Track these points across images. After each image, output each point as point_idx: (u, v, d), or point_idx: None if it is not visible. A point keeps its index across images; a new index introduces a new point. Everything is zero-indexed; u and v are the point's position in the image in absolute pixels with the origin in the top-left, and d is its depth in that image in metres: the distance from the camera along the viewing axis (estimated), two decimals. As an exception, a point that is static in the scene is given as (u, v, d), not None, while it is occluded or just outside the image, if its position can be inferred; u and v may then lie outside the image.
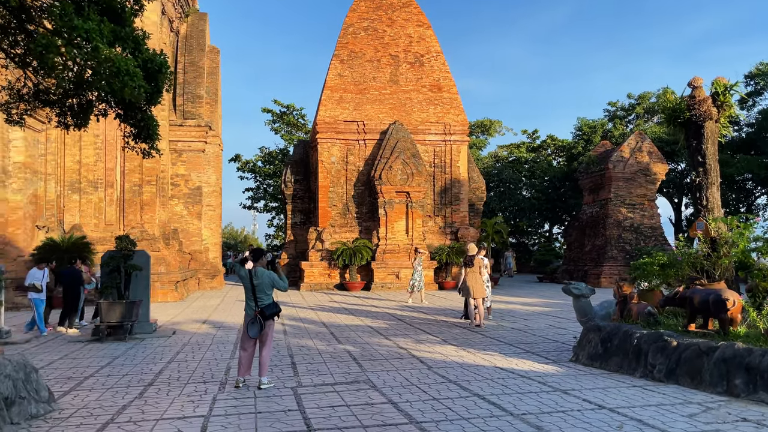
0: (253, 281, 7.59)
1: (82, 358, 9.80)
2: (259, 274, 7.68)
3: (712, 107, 8.30)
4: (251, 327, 7.51)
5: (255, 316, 7.50)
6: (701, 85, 8.42)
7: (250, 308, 7.64)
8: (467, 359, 9.13)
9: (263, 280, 7.61)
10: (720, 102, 8.35)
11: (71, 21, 5.55)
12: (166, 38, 24.16)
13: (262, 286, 7.59)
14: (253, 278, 7.60)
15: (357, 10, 26.84)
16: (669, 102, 8.63)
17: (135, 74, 6.06)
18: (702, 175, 8.42)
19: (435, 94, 26.37)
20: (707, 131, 8.36)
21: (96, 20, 5.86)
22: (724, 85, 8.35)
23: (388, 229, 24.20)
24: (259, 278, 7.61)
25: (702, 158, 8.41)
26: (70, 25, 5.55)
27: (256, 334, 7.50)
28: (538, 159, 44.79)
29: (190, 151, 25.07)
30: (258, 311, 7.51)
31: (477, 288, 13.23)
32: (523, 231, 46.06)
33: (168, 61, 7.24)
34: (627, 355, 7.81)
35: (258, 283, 7.58)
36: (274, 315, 7.64)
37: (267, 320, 7.55)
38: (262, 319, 7.50)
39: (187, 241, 24.85)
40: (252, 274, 7.65)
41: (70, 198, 21.01)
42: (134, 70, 6.05)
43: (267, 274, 7.72)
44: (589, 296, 9.53)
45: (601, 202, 27.64)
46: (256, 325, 7.50)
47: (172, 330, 13.13)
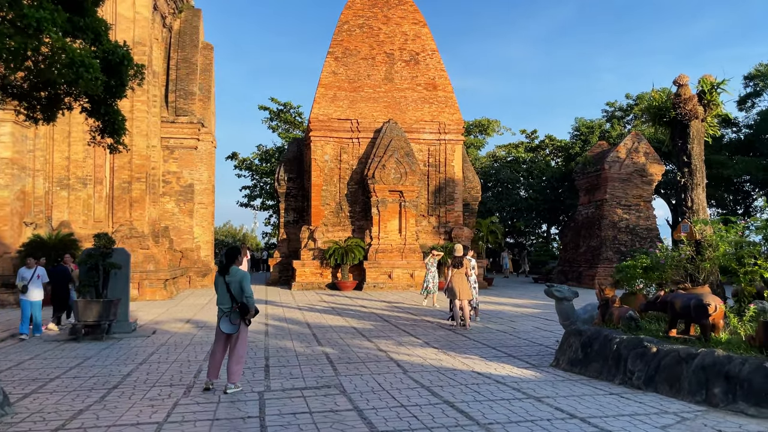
0: (225, 279, 7.37)
1: (53, 359, 9.58)
2: (233, 272, 7.45)
3: (698, 106, 8.04)
4: (224, 321, 7.25)
5: (232, 310, 7.23)
6: (687, 83, 8.17)
7: (222, 310, 7.39)
8: (445, 363, 8.89)
9: (234, 278, 7.38)
10: (707, 101, 8.10)
11: (20, 8, 5.31)
12: (158, 34, 23.95)
13: (232, 285, 7.36)
14: (225, 276, 7.39)
15: (352, 7, 26.60)
16: (654, 100, 8.37)
17: (91, 65, 5.84)
18: (687, 176, 8.17)
19: (430, 93, 26.12)
20: (693, 131, 8.10)
21: (49, 8, 5.62)
22: (711, 83, 8.10)
23: (381, 228, 23.97)
24: (231, 276, 7.38)
25: (687, 158, 8.16)
26: (19, 13, 5.32)
27: (230, 329, 7.24)
28: (537, 159, 44.54)
29: (182, 148, 24.86)
30: (238, 305, 7.24)
31: (463, 289, 13.01)
32: (520, 231, 45.83)
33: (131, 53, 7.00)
34: (607, 361, 7.57)
35: (230, 281, 7.36)
36: (250, 313, 7.34)
37: (246, 315, 7.27)
38: (241, 313, 7.22)
39: (179, 239, 24.64)
40: (224, 275, 7.43)
41: (58, 194, 20.80)
42: (90, 62, 5.82)
43: (240, 274, 7.47)
44: (572, 299, 9.28)
45: (596, 202, 27.38)
46: (229, 319, 7.22)
47: (152, 329, 12.92)
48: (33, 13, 5.39)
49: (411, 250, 23.85)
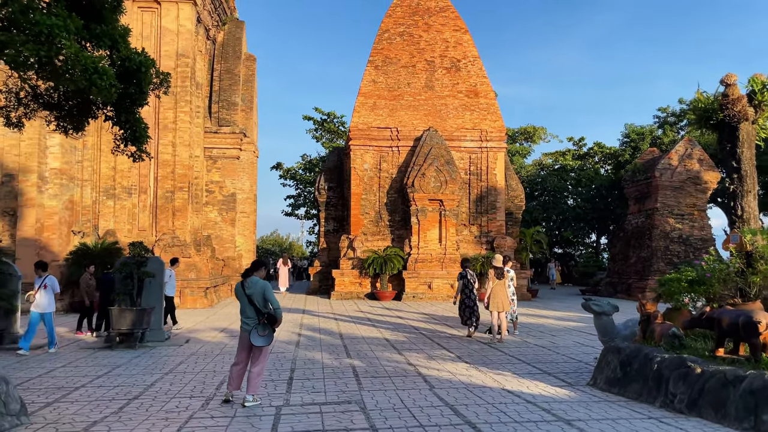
0: (245, 291, 7.24)
1: (83, 367, 9.63)
2: (252, 283, 7.32)
3: (748, 107, 7.46)
4: (254, 335, 7.08)
5: (260, 322, 7.11)
6: (735, 83, 7.59)
7: (247, 322, 7.24)
8: (475, 379, 8.50)
9: (255, 290, 7.26)
10: (757, 101, 7.51)
11: (33, 16, 5.28)
12: (202, 46, 24.36)
13: (254, 297, 7.23)
14: (245, 288, 7.26)
15: (393, 16, 26.48)
16: (700, 102, 7.82)
17: (105, 72, 5.77)
18: (737, 182, 7.58)
19: (471, 100, 25.69)
20: (742, 133, 7.51)
21: (63, 16, 5.59)
22: (763, 82, 7.50)
23: (421, 237, 23.62)
24: (251, 288, 7.26)
25: (737, 163, 7.58)
26: (31, 21, 5.29)
27: (263, 342, 7.09)
28: (585, 167, 43.32)
29: (224, 158, 25.15)
30: (265, 316, 7.12)
31: (502, 301, 12.58)
32: (569, 241, 44.61)
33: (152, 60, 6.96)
34: (647, 382, 7.05)
35: (250, 293, 7.24)
36: (277, 324, 7.22)
37: (273, 325, 7.14)
38: (269, 325, 7.10)
39: (221, 248, 24.89)
40: (244, 286, 7.30)
41: (104, 204, 21.31)
42: (104, 68, 5.76)
43: (261, 284, 7.34)
44: (612, 314, 8.77)
45: (647, 211, 26.32)
46: (257, 332, 7.06)
47: (186, 338, 12.95)
48: (45, 20, 5.36)
49: (451, 260, 23.40)
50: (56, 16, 5.50)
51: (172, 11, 21.75)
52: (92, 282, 13.99)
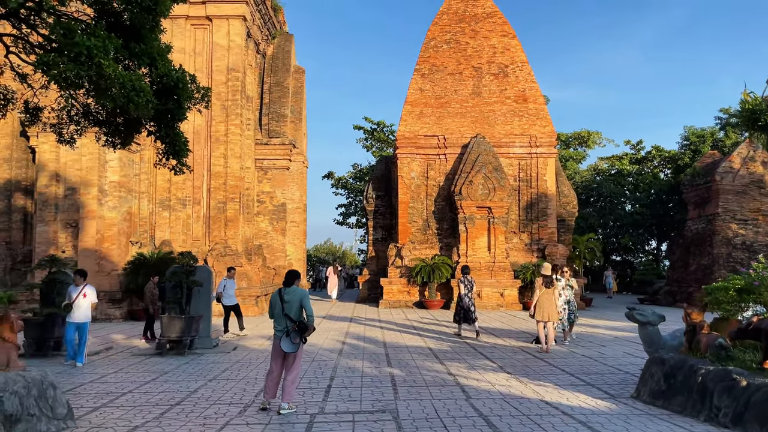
0: (283, 299, 7.42)
1: (133, 373, 9.99)
2: (291, 291, 7.52)
3: (799, 107, 7.10)
4: (285, 341, 7.24)
5: (292, 330, 7.23)
6: (784, 82, 7.24)
7: (279, 330, 7.39)
8: (514, 390, 8.35)
9: (293, 298, 7.45)
10: (809, 100, 7.13)
11: (72, 37, 5.57)
12: (252, 60, 24.99)
13: (291, 304, 7.42)
14: (283, 295, 7.44)
15: (439, 24, 26.49)
16: (747, 103, 7.49)
17: (142, 89, 6.02)
18: (788, 186, 7.20)
19: (520, 105, 25.37)
20: (793, 135, 7.15)
21: (102, 37, 5.87)
22: (814, 80, 7.12)
23: (469, 245, 23.42)
24: (290, 295, 7.45)
25: (787, 166, 7.19)
26: (71, 42, 5.58)
27: (293, 348, 7.23)
28: (643, 171, 41.99)
29: (274, 169, 25.67)
30: (297, 323, 7.25)
31: (549, 311, 12.35)
32: (627, 249, 43.28)
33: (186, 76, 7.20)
34: (691, 395, 6.77)
35: (288, 300, 7.43)
36: (309, 331, 7.35)
37: (304, 333, 7.27)
38: (300, 332, 7.23)
39: (272, 257, 25.36)
40: (282, 293, 7.47)
41: (160, 215, 22.07)
42: (141, 85, 6.01)
43: (299, 293, 7.54)
44: (657, 323, 8.47)
45: (707, 217, 25.28)
46: (290, 338, 7.21)
47: (234, 345, 13.24)
48: (84, 41, 5.65)
49: (501, 269, 23.09)
50: (96, 37, 5.79)
51: (222, 27, 22.43)
52: (156, 291, 14.47)
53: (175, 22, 22.31)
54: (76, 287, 11.04)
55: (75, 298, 10.88)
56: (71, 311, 10.79)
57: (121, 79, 5.79)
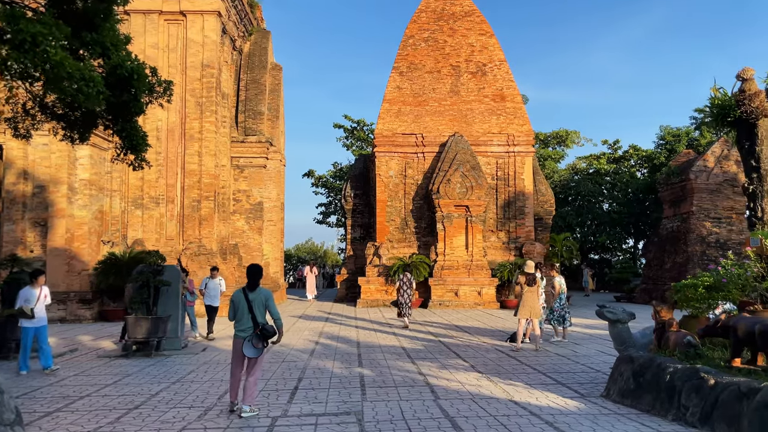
0: (248, 297, 7.19)
1: (95, 375, 9.69)
2: (258, 290, 7.32)
3: (767, 102, 7.03)
4: (247, 346, 7.00)
5: (254, 333, 7.01)
6: (752, 77, 7.17)
7: (242, 330, 7.16)
8: (484, 389, 8.22)
9: (258, 297, 7.23)
10: (777, 96, 7.07)
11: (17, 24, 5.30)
12: (228, 57, 24.65)
13: (256, 305, 7.19)
14: (248, 295, 7.22)
15: (418, 21, 26.35)
16: (716, 99, 7.42)
17: (92, 79, 5.75)
18: (756, 182, 7.15)
19: (498, 104, 25.32)
20: (762, 130, 7.09)
21: (50, 24, 5.60)
22: (783, 76, 7.08)
23: (447, 244, 23.31)
24: (255, 294, 7.24)
25: (756, 162, 7.15)
26: (15, 29, 5.31)
27: (255, 353, 6.99)
28: (620, 170, 42.28)
29: (251, 167, 25.34)
30: (259, 328, 7.02)
31: (533, 308, 12.31)
32: (605, 247, 43.56)
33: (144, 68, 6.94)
34: (659, 393, 6.68)
35: (254, 299, 7.20)
36: (271, 336, 7.12)
37: (267, 338, 7.06)
38: (262, 337, 7.01)
39: (248, 256, 25.01)
40: (246, 292, 7.26)
41: (133, 213, 21.66)
42: (90, 75, 5.74)
43: (265, 293, 7.34)
44: (627, 321, 8.37)
45: (682, 215, 25.46)
46: (251, 343, 6.98)
47: (203, 347, 12.97)
48: (29, 28, 5.38)
49: (478, 267, 23.02)
50: (42, 24, 5.52)
51: (197, 23, 22.06)
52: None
53: (148, 18, 21.92)
54: (32, 289, 10.22)
55: (37, 300, 10.15)
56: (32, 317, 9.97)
57: (69, 68, 5.52)
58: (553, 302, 13.34)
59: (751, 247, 6.90)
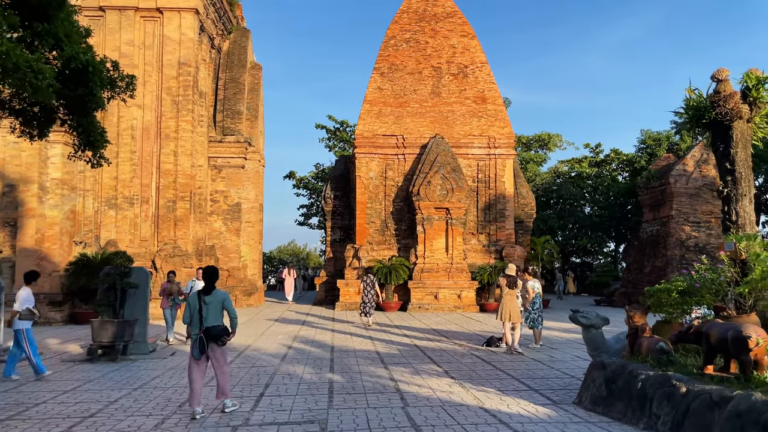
0: (202, 301, 7.19)
1: (55, 381, 9.34)
2: (214, 293, 7.28)
3: (742, 104, 6.90)
4: (194, 347, 7.11)
5: (197, 336, 7.10)
6: (727, 78, 7.04)
7: (194, 333, 7.20)
8: (455, 396, 8.01)
9: (214, 299, 7.23)
10: (752, 98, 6.95)
11: (-44, 15, 5.00)
12: (206, 55, 24.28)
13: (211, 307, 7.20)
14: (202, 298, 7.21)
15: (399, 22, 26.17)
16: (691, 100, 7.28)
17: (41, 71, 5.46)
18: (731, 185, 7.02)
19: (479, 107, 25.21)
20: (736, 133, 6.96)
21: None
22: (758, 77, 6.95)
23: (427, 247, 23.13)
24: (211, 297, 7.23)
25: (731, 165, 7.02)
26: (-46, 19, 5.01)
27: (197, 355, 7.06)
28: (602, 174, 42.45)
29: (229, 167, 24.98)
30: (202, 331, 7.09)
31: (513, 312, 12.17)
32: (586, 250, 43.69)
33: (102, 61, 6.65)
34: (631, 401, 6.51)
35: (210, 301, 7.20)
36: (220, 337, 7.14)
37: (211, 341, 7.09)
38: (205, 340, 7.07)
39: (225, 258, 24.65)
40: (201, 295, 7.25)
41: (106, 214, 21.21)
42: (40, 67, 5.45)
43: (220, 294, 7.33)
44: (601, 326, 8.23)
45: (661, 219, 25.52)
46: (197, 345, 7.07)
47: (173, 351, 12.64)
48: (-31, 18, 5.07)
49: (458, 270, 22.86)
50: (-15, 14, 5.22)
51: (174, 20, 21.70)
52: None
53: (124, 14, 21.52)
54: (30, 289, 9.96)
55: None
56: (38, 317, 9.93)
57: (14, 59, 5.22)
58: (528, 305, 13.20)
59: (725, 251, 6.76)
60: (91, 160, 7.46)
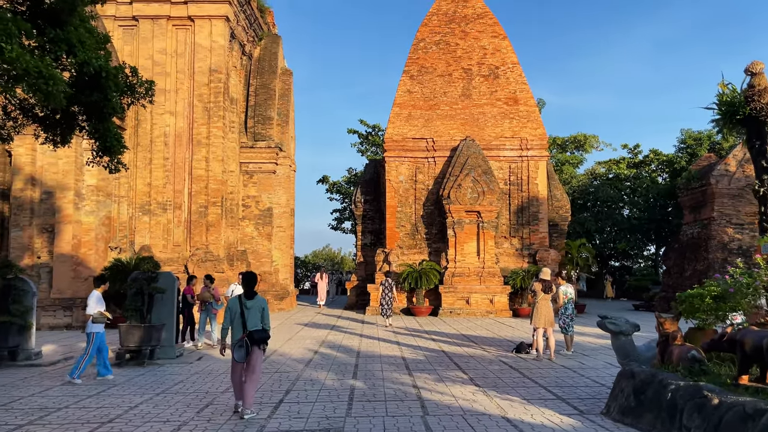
0: (243, 306, 7.41)
1: (81, 385, 9.43)
2: (256, 298, 7.56)
3: (778, 99, 6.51)
4: (237, 350, 7.28)
5: (242, 339, 7.27)
6: (762, 72, 6.65)
7: (236, 336, 7.39)
8: (477, 405, 7.77)
9: (256, 305, 7.48)
10: (790, 92, 6.55)
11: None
12: (236, 62, 24.52)
13: (252, 312, 7.43)
14: (243, 303, 7.42)
15: (429, 24, 25.98)
16: (724, 95, 6.91)
17: (52, 77, 5.47)
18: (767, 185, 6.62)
19: (510, 108, 24.81)
20: (773, 129, 6.57)
21: (6, 20, 5.33)
22: (796, 70, 6.55)
23: (458, 251, 22.82)
24: (253, 302, 7.47)
25: (767, 163, 6.62)
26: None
27: (242, 358, 7.24)
28: (640, 175, 41.33)
29: (260, 173, 25.15)
30: (245, 334, 7.28)
31: (548, 317, 11.89)
32: (625, 254, 42.60)
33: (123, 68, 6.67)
34: (660, 412, 6.18)
35: (251, 306, 7.44)
36: (263, 341, 7.41)
37: (254, 345, 7.31)
38: (248, 343, 7.26)
39: (257, 262, 24.79)
40: (242, 300, 7.47)
41: (140, 219, 21.54)
42: (51, 72, 5.46)
43: (261, 300, 7.57)
44: (631, 333, 7.88)
45: (703, 221, 24.66)
46: (242, 349, 7.26)
47: (198, 355, 12.69)
48: (-20, 25, 5.11)
49: (490, 274, 22.49)
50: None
51: (205, 28, 21.96)
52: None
53: (157, 23, 21.88)
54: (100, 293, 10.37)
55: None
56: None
57: (25, 65, 5.25)
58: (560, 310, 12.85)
59: (762, 254, 6.37)
60: (109, 166, 7.51)
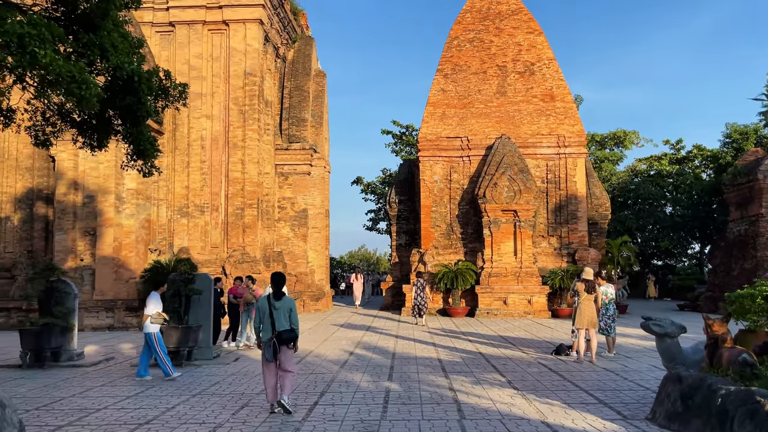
0: (272, 306, 7.49)
1: (120, 386, 9.56)
2: (284, 299, 7.61)
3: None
4: (267, 350, 7.43)
5: (270, 340, 7.39)
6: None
7: (265, 336, 7.49)
8: (516, 409, 7.56)
9: (284, 305, 7.54)
10: None
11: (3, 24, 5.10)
12: (271, 64, 24.69)
13: (281, 312, 7.49)
14: (272, 303, 7.50)
15: (462, 22, 25.72)
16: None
17: (84, 81, 5.51)
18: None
19: (547, 104, 24.37)
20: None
21: (39, 24, 5.39)
22: None
23: (494, 250, 22.51)
24: (281, 302, 7.53)
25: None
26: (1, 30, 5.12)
27: (270, 356, 7.39)
28: (683, 171, 40.14)
29: (295, 174, 25.29)
30: (274, 335, 7.40)
31: (591, 318, 11.61)
32: (669, 252, 41.45)
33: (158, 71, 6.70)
34: (710, 418, 5.89)
35: (279, 306, 7.50)
36: (291, 341, 7.49)
37: (282, 345, 7.42)
38: (277, 343, 7.39)
39: (293, 263, 24.93)
40: (271, 300, 7.55)
41: (179, 222, 21.87)
42: (84, 77, 5.50)
43: (289, 301, 7.64)
44: (677, 335, 7.57)
45: (750, 218, 23.77)
46: (270, 348, 7.39)
47: (235, 356, 12.76)
48: (16, 28, 5.17)
49: (528, 274, 22.11)
50: (30, 25, 5.31)
51: (239, 32, 22.17)
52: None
53: (192, 28, 22.18)
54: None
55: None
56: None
57: (57, 70, 5.29)
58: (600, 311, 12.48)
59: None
60: (142, 169, 7.57)
